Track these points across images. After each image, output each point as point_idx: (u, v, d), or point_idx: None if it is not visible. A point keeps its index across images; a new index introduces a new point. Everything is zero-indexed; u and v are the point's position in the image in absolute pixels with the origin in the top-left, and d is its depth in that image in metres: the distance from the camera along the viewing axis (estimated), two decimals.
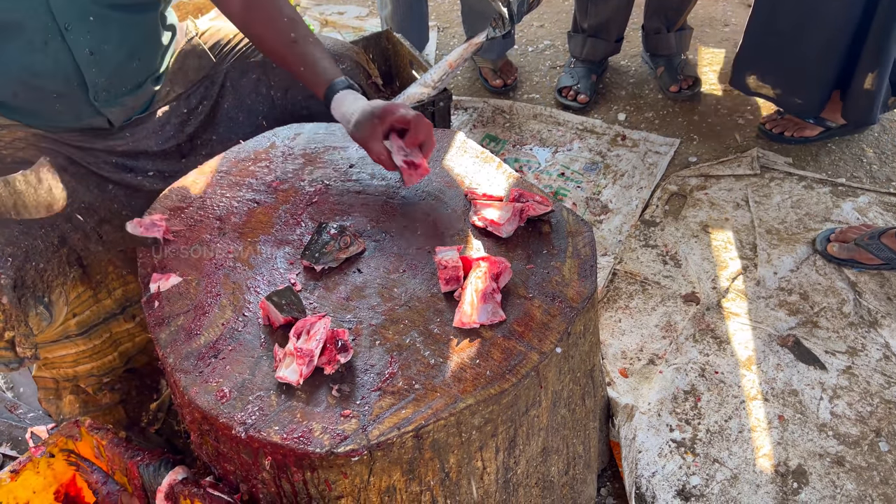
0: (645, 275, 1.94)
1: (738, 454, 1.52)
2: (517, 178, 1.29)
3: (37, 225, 1.22)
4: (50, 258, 1.22)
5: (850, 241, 1.89)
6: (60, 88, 1.27)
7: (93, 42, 1.26)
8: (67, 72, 1.27)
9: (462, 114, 2.58)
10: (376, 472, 0.94)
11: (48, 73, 1.24)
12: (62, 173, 1.32)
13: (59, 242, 1.25)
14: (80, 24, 1.22)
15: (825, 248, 1.92)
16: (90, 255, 1.30)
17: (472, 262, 1.08)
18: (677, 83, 2.51)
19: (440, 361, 0.99)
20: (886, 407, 1.59)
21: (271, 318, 1.04)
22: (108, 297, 1.34)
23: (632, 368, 1.72)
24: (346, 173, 1.33)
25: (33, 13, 1.17)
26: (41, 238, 1.22)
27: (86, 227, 1.30)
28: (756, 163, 2.22)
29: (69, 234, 1.27)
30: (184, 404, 1.03)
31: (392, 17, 2.72)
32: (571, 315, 1.05)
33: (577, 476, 1.28)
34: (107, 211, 1.36)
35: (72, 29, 1.21)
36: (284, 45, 1.34)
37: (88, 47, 1.26)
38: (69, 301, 1.27)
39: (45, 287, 1.21)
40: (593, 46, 2.53)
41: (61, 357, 1.37)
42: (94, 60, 1.27)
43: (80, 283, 1.28)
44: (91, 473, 1.21)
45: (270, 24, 1.35)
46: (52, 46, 1.22)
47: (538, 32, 3.01)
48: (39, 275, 1.19)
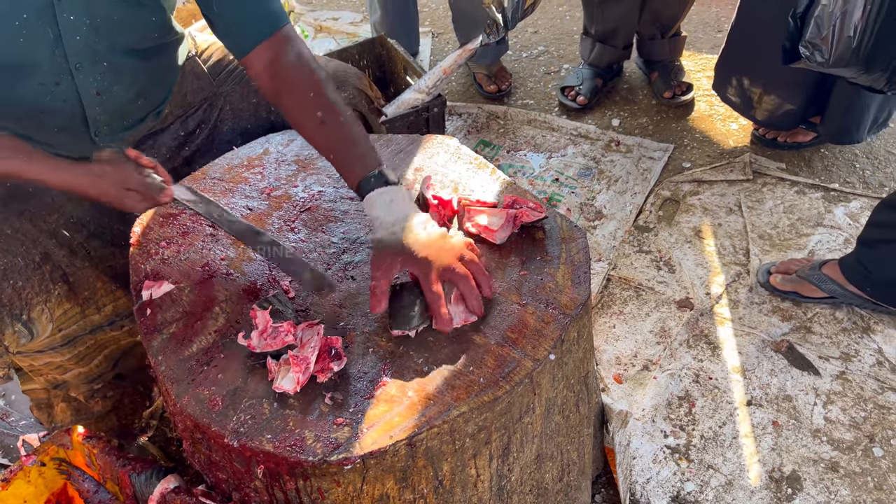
0: (639, 280, 1.94)
1: (733, 460, 1.52)
2: (511, 185, 1.29)
3: (17, 242, 1.20)
4: (30, 276, 1.20)
5: (793, 273, 1.83)
6: (63, 123, 1.23)
7: (101, 83, 1.22)
8: (72, 110, 1.23)
9: (456, 119, 2.58)
10: (369, 481, 0.94)
11: (54, 111, 1.21)
12: (50, 189, 1.29)
13: (42, 259, 1.23)
14: (92, 66, 1.19)
15: (767, 279, 1.86)
16: (76, 272, 1.27)
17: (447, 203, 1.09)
18: (671, 89, 2.51)
19: (433, 369, 0.99)
20: (880, 412, 1.59)
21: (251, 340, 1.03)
22: (97, 313, 1.32)
23: (626, 374, 1.72)
24: (339, 179, 1.33)
25: (50, 55, 1.13)
26: (21, 255, 1.20)
27: (72, 243, 1.28)
28: (749, 168, 2.22)
29: (53, 251, 1.24)
30: (176, 412, 1.03)
31: (382, 22, 2.73)
32: (565, 322, 1.04)
33: (571, 483, 1.28)
34: (97, 225, 1.33)
35: (81, 69, 1.17)
36: (312, 125, 1.18)
37: (96, 88, 1.22)
38: (55, 318, 1.25)
39: (24, 305, 1.18)
40: (600, 52, 2.54)
41: (47, 364, 1.36)
42: (99, 100, 1.24)
43: (66, 299, 1.26)
44: (83, 482, 1.21)
45: (296, 101, 1.19)
46: (62, 86, 1.18)
47: (532, 38, 3.02)
48: (17, 293, 1.17)
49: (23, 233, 1.22)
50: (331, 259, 1.17)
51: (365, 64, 2.49)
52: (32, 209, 1.26)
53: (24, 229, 1.22)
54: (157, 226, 1.25)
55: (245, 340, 1.01)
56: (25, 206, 1.25)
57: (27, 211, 1.25)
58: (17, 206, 1.24)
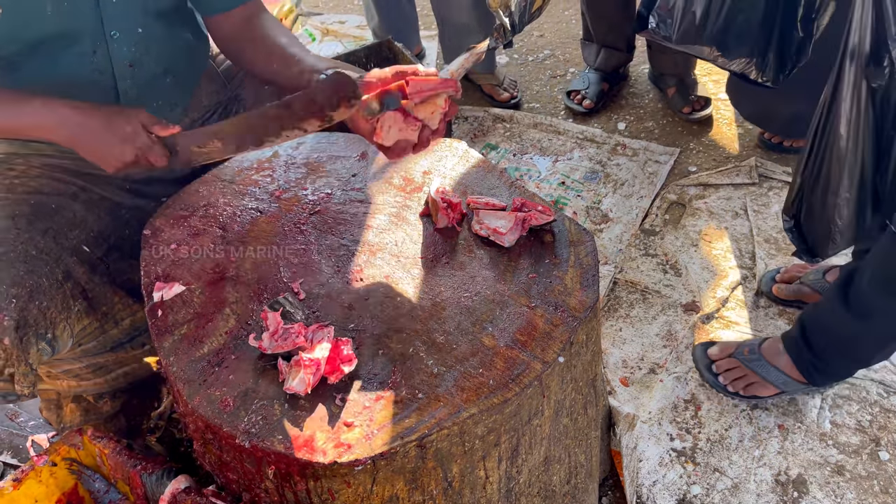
0: (645, 284, 1.95)
1: (739, 463, 1.53)
2: (520, 188, 1.30)
3: (42, 263, 1.20)
4: (53, 295, 1.19)
5: (795, 281, 1.80)
6: (94, 97, 1.24)
7: (134, 55, 1.26)
8: (106, 83, 1.26)
9: (462, 123, 2.59)
10: (379, 482, 0.94)
11: (88, 84, 1.23)
12: (73, 202, 1.30)
13: (64, 278, 1.22)
14: (127, 34, 1.22)
15: (770, 289, 1.83)
16: (95, 287, 1.27)
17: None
18: (689, 104, 2.49)
19: (443, 371, 1.00)
20: (886, 416, 1.59)
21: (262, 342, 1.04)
22: (115, 327, 1.32)
23: (633, 377, 1.72)
24: (348, 182, 1.34)
25: (90, 21, 1.17)
26: (46, 276, 1.19)
27: (92, 259, 1.28)
28: (754, 172, 2.23)
29: (74, 269, 1.24)
30: (187, 413, 1.03)
31: (381, 27, 2.73)
32: (574, 324, 1.05)
33: (578, 485, 1.28)
34: (117, 238, 1.33)
35: (118, 38, 1.21)
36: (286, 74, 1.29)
37: (129, 59, 1.25)
38: (75, 333, 1.25)
39: (48, 324, 1.18)
40: (605, 57, 2.54)
41: (66, 371, 1.37)
42: (131, 72, 1.27)
43: (86, 315, 1.25)
44: (93, 482, 1.22)
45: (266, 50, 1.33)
46: (98, 56, 1.22)
47: (538, 42, 3.03)
48: (42, 313, 1.16)
49: (46, 252, 1.21)
50: (341, 261, 1.18)
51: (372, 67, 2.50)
52: (56, 226, 1.26)
53: (48, 248, 1.22)
54: (167, 227, 1.26)
55: (256, 342, 1.02)
56: (49, 223, 1.25)
57: (51, 229, 1.25)
58: (41, 225, 1.24)
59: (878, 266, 1.35)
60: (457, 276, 1.14)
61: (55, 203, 1.29)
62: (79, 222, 1.29)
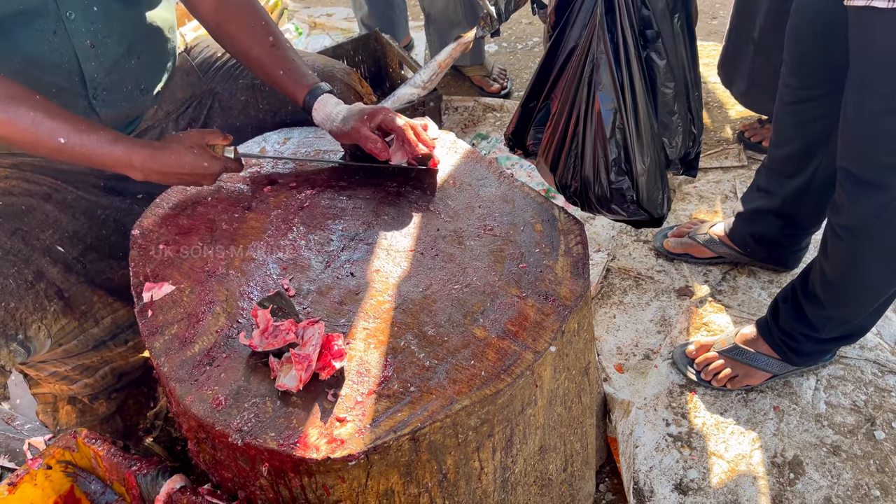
0: (638, 270, 1.95)
1: (735, 447, 1.53)
2: (508, 177, 1.29)
3: (8, 263, 1.19)
4: (23, 296, 1.19)
5: (685, 236, 1.93)
6: (60, 82, 1.24)
7: (95, 35, 1.24)
8: (69, 66, 1.24)
9: (453, 113, 2.58)
10: (374, 476, 0.94)
11: (51, 65, 1.22)
12: (45, 203, 1.29)
13: (35, 278, 1.21)
14: (83, 14, 1.21)
15: (661, 244, 1.96)
16: (71, 287, 1.26)
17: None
18: None
19: (435, 363, 0.99)
20: (881, 395, 1.60)
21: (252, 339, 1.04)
22: (96, 325, 1.31)
23: (627, 364, 1.72)
24: (336, 177, 1.33)
25: (46, 1, 1.16)
26: (13, 276, 1.18)
27: (67, 258, 1.27)
28: (743, 154, 2.22)
29: (47, 269, 1.23)
30: (180, 413, 1.03)
31: (368, 17, 2.72)
32: (565, 313, 1.05)
33: (575, 473, 1.29)
34: (94, 238, 1.33)
35: (74, 19, 1.20)
36: (262, 48, 1.34)
37: (90, 39, 1.24)
38: (52, 334, 1.24)
39: (19, 325, 1.17)
40: None
41: (52, 374, 1.36)
42: (94, 54, 1.25)
43: (63, 315, 1.25)
44: (89, 484, 1.21)
45: (246, 26, 1.35)
46: (58, 36, 1.20)
47: (527, 29, 3.01)
48: (10, 314, 1.16)
49: (14, 253, 1.20)
50: (330, 256, 1.18)
51: (360, 60, 2.49)
52: (25, 227, 1.24)
53: (15, 249, 1.21)
54: (156, 227, 1.25)
55: (247, 340, 1.02)
56: (18, 224, 1.24)
57: (20, 230, 1.23)
58: (8, 226, 1.23)
59: (822, 258, 1.43)
60: (447, 268, 1.14)
61: (25, 204, 1.27)
62: (52, 222, 1.28)
